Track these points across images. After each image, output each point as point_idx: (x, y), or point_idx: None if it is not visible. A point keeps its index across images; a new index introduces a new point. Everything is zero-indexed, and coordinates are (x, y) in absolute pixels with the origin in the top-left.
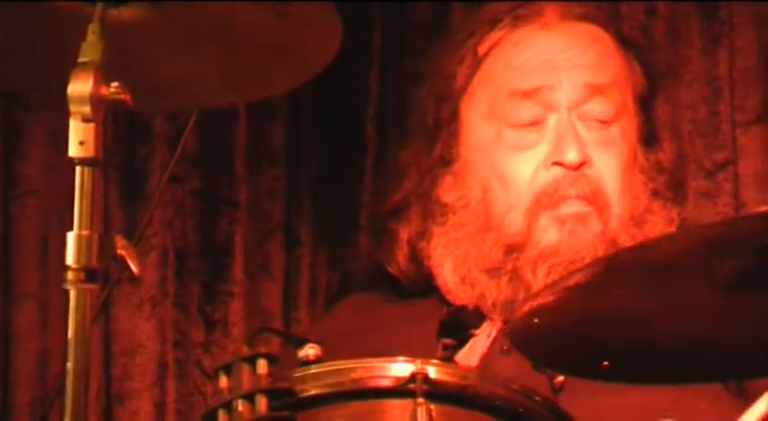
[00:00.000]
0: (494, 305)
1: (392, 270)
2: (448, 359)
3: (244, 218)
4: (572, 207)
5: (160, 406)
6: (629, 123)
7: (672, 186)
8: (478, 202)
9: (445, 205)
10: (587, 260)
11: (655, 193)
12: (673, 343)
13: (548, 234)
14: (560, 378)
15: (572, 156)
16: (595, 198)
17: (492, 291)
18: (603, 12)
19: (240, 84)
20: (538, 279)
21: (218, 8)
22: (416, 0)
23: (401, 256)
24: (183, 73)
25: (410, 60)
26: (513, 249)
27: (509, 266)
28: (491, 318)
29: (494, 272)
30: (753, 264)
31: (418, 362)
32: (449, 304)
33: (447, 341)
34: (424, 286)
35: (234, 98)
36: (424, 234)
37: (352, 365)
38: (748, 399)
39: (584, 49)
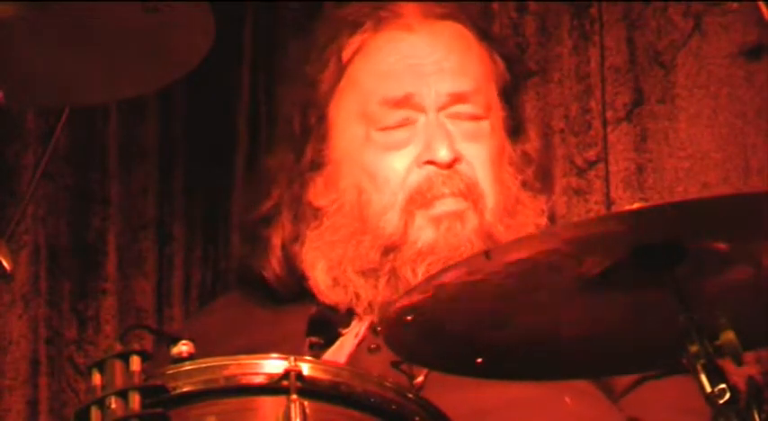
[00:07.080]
0: (370, 306)
1: (266, 275)
2: (315, 357)
3: (116, 215)
4: (447, 205)
5: (32, 403)
6: (497, 118)
7: (539, 176)
8: (353, 205)
9: (318, 209)
10: (465, 255)
11: (524, 185)
12: (542, 340)
13: (425, 233)
14: (420, 378)
15: (443, 154)
16: (470, 193)
17: (368, 292)
18: (466, 9)
19: (112, 81)
20: (418, 277)
21: (88, 5)
22: None
23: (275, 262)
24: (54, 70)
25: (281, 59)
26: (390, 249)
27: (387, 267)
28: (360, 318)
29: (371, 273)
30: (620, 262)
31: (291, 358)
32: (319, 305)
33: (314, 339)
34: (296, 290)
35: (106, 96)
36: (296, 239)
37: (224, 362)
38: (612, 395)
39: (448, 52)
